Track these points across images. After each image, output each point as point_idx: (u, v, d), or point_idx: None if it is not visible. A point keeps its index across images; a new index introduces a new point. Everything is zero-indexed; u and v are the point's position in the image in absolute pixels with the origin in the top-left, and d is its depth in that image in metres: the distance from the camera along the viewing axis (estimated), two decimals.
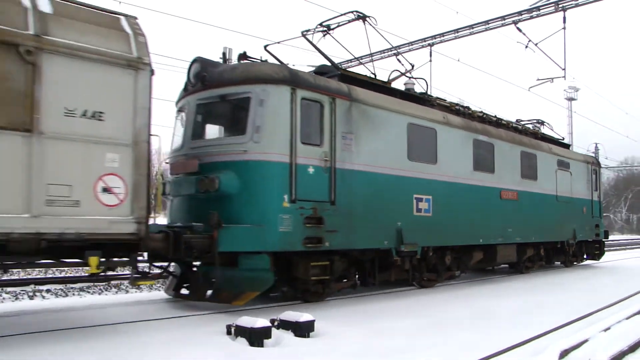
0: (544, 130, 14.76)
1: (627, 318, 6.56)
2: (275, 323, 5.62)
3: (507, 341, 5.42)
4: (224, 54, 8.39)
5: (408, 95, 9.94)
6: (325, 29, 10.14)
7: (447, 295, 9.19)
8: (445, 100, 10.93)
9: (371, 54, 16.96)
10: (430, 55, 17.04)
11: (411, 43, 17.72)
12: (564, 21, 13.70)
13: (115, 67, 5.71)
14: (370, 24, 9.70)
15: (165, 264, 7.17)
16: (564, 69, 14.33)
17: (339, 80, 8.50)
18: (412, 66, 10.46)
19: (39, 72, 5.18)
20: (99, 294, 9.04)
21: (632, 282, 11.14)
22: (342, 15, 9.82)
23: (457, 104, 11.10)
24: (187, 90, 7.98)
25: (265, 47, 9.31)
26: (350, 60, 17.91)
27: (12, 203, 5.01)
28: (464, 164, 10.43)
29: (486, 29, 15.61)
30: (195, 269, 7.83)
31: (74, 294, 8.84)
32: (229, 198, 7.09)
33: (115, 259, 6.00)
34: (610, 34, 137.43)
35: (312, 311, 7.16)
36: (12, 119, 5.04)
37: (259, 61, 8.28)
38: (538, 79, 16.09)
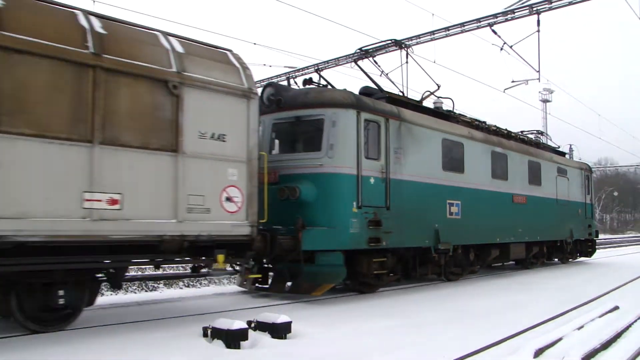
0: (543, 140, 16.41)
1: (600, 316, 6.78)
2: (252, 325, 5.61)
3: (486, 340, 5.49)
4: (288, 79, 9.59)
5: (439, 113, 11.33)
6: (364, 52, 11.44)
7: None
8: (466, 116, 12.36)
9: (349, 55, 17.92)
10: (407, 57, 17.06)
11: (387, 45, 18.19)
12: (538, 24, 13.64)
13: (233, 97, 6.88)
14: (407, 51, 11.03)
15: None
16: (538, 71, 14.35)
17: (386, 102, 9.81)
18: (439, 86, 11.84)
19: (181, 103, 6.31)
20: None
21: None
22: (382, 42, 11.13)
23: (476, 120, 12.56)
24: (260, 111, 9.12)
25: (317, 70, 10.54)
26: (327, 62, 19.08)
27: (165, 210, 6.12)
28: (485, 173, 11.88)
29: (462, 31, 15.43)
30: (266, 265, 8.97)
31: None
32: (306, 204, 8.29)
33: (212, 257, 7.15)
34: (584, 38, 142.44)
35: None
36: (163, 142, 6.16)
37: (319, 85, 9.52)
38: (513, 81, 15.60)
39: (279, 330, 5.54)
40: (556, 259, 16.63)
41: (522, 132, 15.65)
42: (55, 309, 5.79)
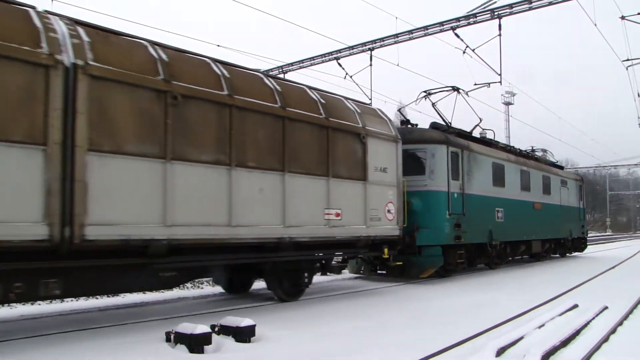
0: (548, 156, 20.40)
1: (560, 314, 7.01)
2: (216, 329, 5.60)
3: (454, 338, 5.58)
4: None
5: (487, 142, 14.93)
6: (426, 94, 14.88)
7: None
8: (500, 142, 16.02)
9: (312, 58, 20.64)
10: (371, 60, 17.28)
11: (352, 47, 17.96)
12: (499, 28, 14.07)
13: (388, 142, 10.13)
14: (462, 96, 14.56)
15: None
16: (500, 74, 14.66)
17: (455, 136, 13.27)
18: (481, 120, 15.42)
19: (366, 148, 9.51)
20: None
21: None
22: (443, 86, 14.59)
23: (508, 145, 16.25)
24: None
25: (399, 109, 13.90)
26: (292, 64, 20.27)
27: (360, 219, 9.30)
28: (516, 187, 15.57)
29: (425, 34, 15.97)
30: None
31: None
32: (415, 213, 11.60)
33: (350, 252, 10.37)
34: (546, 44, 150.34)
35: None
36: (358, 174, 9.35)
37: (408, 123, 12.89)
38: (475, 84, 15.93)
39: (243, 334, 5.56)
40: (558, 254, 20.64)
41: (533, 148, 19.55)
42: (297, 286, 8.85)
